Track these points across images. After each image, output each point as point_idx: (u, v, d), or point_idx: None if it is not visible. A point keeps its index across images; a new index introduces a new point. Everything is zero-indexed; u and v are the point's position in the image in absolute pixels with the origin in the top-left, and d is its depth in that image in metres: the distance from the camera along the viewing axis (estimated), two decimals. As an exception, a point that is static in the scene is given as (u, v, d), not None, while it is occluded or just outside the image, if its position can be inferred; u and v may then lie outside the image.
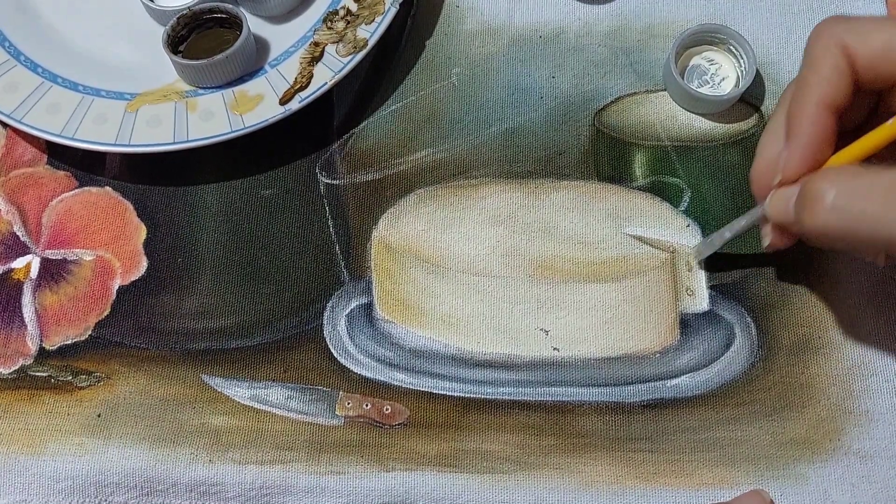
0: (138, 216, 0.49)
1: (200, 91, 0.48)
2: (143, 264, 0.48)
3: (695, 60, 0.50)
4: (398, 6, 0.49)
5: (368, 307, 0.47)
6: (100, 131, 0.47)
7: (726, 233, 0.44)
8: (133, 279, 0.48)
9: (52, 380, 0.46)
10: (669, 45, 0.49)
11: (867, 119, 0.41)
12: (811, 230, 0.37)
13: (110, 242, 0.48)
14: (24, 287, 0.48)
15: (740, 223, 0.43)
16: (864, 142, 0.38)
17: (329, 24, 0.49)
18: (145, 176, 0.49)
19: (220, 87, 0.48)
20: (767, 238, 0.42)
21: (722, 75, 0.49)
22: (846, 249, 0.39)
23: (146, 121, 0.47)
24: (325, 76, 0.48)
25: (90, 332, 0.47)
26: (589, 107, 0.50)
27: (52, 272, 0.48)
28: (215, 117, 0.47)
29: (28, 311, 0.47)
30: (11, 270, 0.48)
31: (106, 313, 0.47)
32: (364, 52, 0.48)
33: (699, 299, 0.46)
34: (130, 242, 0.48)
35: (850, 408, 0.44)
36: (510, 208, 0.48)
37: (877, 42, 0.37)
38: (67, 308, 0.47)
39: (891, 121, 0.37)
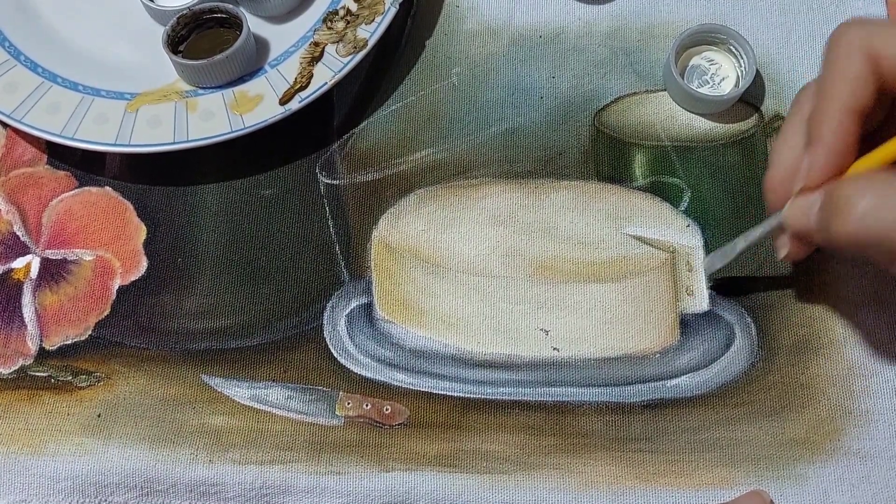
0: (138, 216, 0.49)
1: (200, 91, 0.48)
2: (143, 264, 0.48)
3: (695, 60, 0.50)
4: (398, 6, 0.49)
5: (368, 307, 0.47)
6: (100, 131, 0.47)
7: (740, 243, 0.43)
8: (133, 279, 0.48)
9: (52, 380, 0.46)
10: (669, 45, 0.49)
11: (884, 122, 0.40)
12: (840, 238, 0.36)
13: (110, 242, 0.48)
14: (24, 287, 0.47)
15: (755, 233, 0.42)
16: (888, 147, 0.37)
17: (329, 24, 0.49)
18: (145, 176, 0.49)
19: (220, 87, 0.48)
20: (784, 249, 0.41)
21: (722, 75, 0.49)
22: (870, 257, 0.38)
23: (146, 121, 0.47)
24: (325, 76, 0.48)
25: (90, 332, 0.47)
26: (589, 107, 0.50)
27: (52, 272, 0.48)
28: (215, 117, 0.47)
29: (28, 311, 0.47)
30: (11, 270, 0.48)
31: (106, 313, 0.47)
32: (364, 52, 0.48)
33: (699, 299, 0.46)
34: (130, 242, 0.48)
35: (850, 408, 0.44)
36: (510, 208, 0.48)
37: None
38: (67, 308, 0.47)
39: None
